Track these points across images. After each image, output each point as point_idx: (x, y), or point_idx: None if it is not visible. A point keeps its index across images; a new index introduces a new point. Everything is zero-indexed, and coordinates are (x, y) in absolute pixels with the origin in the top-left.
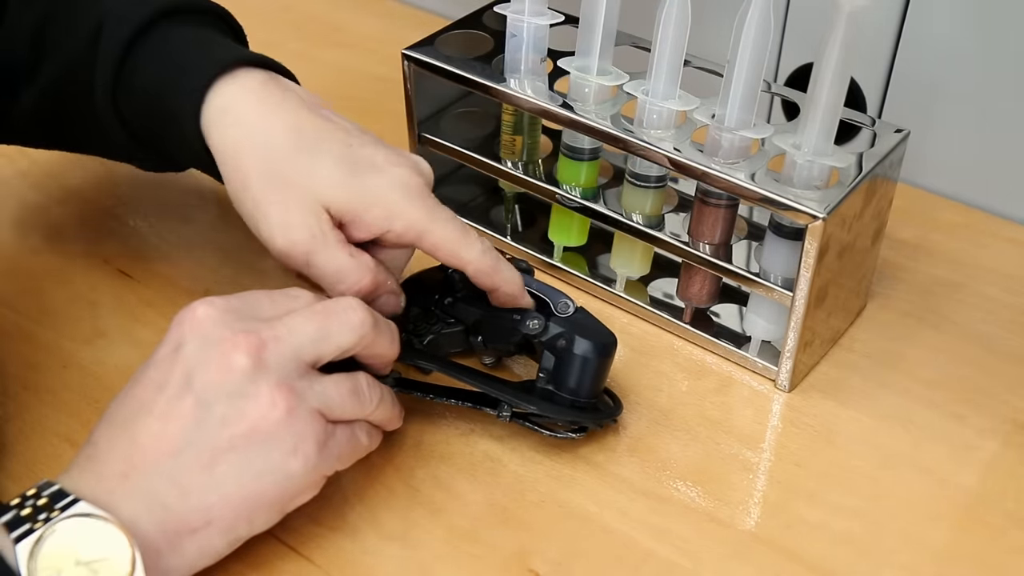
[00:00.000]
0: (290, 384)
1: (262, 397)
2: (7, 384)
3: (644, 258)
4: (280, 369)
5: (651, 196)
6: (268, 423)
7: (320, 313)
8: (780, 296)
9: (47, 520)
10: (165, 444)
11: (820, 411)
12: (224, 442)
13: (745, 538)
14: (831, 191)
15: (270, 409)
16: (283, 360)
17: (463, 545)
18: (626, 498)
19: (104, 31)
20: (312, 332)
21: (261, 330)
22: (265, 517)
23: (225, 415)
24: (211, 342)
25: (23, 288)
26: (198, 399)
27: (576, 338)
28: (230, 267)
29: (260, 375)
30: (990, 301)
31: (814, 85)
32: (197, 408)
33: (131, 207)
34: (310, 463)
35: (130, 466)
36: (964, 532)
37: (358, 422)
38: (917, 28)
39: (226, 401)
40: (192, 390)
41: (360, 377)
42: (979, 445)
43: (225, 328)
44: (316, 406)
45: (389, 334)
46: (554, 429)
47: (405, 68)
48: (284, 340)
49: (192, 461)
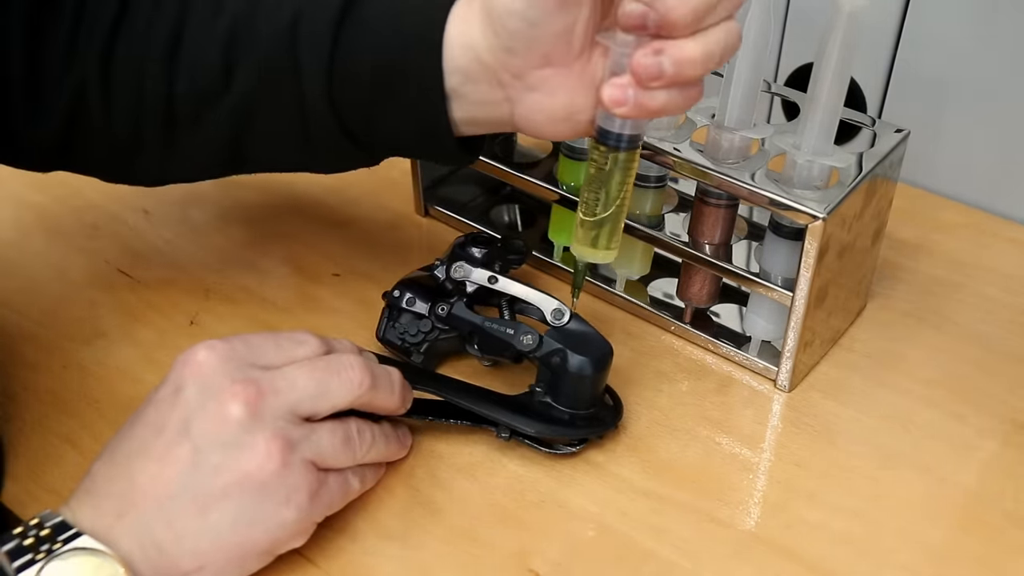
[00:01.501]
0: (285, 436)
1: (258, 448)
2: (7, 384)
3: (644, 258)
4: (275, 421)
5: (651, 196)
6: (263, 474)
7: (321, 369)
8: (780, 296)
9: (49, 552)
10: (161, 487)
11: (820, 411)
12: (218, 490)
13: (745, 538)
14: (831, 191)
15: (265, 460)
16: (279, 412)
17: (463, 545)
18: (626, 498)
19: (303, 20)
20: (311, 388)
21: (260, 381)
22: (256, 563)
23: (220, 464)
24: (210, 390)
25: (23, 288)
26: (195, 446)
27: (570, 354)
28: (230, 267)
29: (256, 426)
30: (990, 301)
31: (814, 85)
32: (194, 455)
33: (131, 207)
34: (302, 512)
35: (127, 505)
36: (963, 532)
37: (350, 468)
38: (917, 28)
39: (221, 450)
40: (189, 436)
41: (351, 424)
42: (979, 445)
43: (225, 376)
44: (309, 457)
45: (388, 388)
46: (553, 444)
47: None
48: (282, 394)
49: (187, 506)
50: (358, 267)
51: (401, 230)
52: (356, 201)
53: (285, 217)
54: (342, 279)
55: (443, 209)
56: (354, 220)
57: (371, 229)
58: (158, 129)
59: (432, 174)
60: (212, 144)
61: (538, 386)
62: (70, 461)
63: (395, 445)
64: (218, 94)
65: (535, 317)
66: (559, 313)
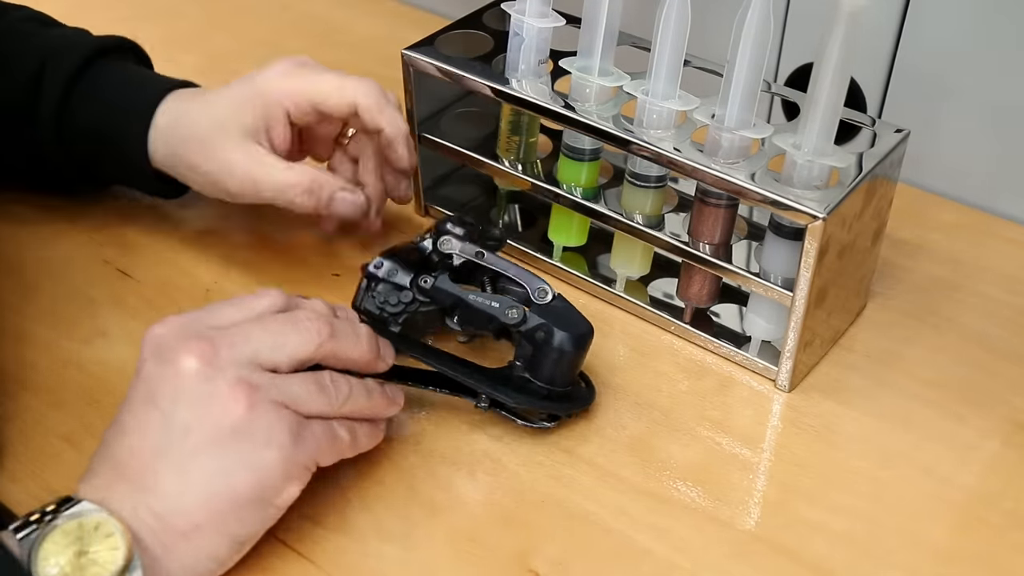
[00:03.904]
0: (247, 380)
1: (220, 395)
2: (7, 384)
3: (644, 258)
4: (235, 368)
5: (651, 196)
6: (231, 419)
7: (279, 322)
8: (780, 296)
9: (51, 520)
10: (140, 457)
11: (820, 411)
12: (192, 446)
13: (745, 538)
14: (831, 191)
15: (231, 405)
16: (237, 360)
17: (463, 545)
18: (626, 498)
19: (47, 69)
20: (268, 340)
21: (214, 336)
22: (254, 514)
23: (188, 420)
24: (165, 354)
25: (23, 288)
26: (161, 411)
27: (555, 330)
28: (230, 267)
29: (214, 375)
30: (990, 301)
31: (814, 85)
32: (162, 419)
33: (131, 207)
34: (285, 451)
35: (115, 479)
36: (964, 532)
37: (336, 419)
38: (917, 28)
39: (186, 407)
40: (155, 403)
41: (323, 374)
42: (979, 445)
43: (177, 340)
44: (279, 399)
45: (353, 339)
46: (529, 418)
47: (405, 68)
48: (237, 345)
49: (168, 468)
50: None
51: (401, 230)
52: None
53: (285, 217)
54: (342, 279)
55: (443, 209)
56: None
57: None
58: None
59: (432, 174)
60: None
61: (517, 361)
62: (70, 461)
63: (380, 400)
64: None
65: (516, 298)
66: (543, 292)
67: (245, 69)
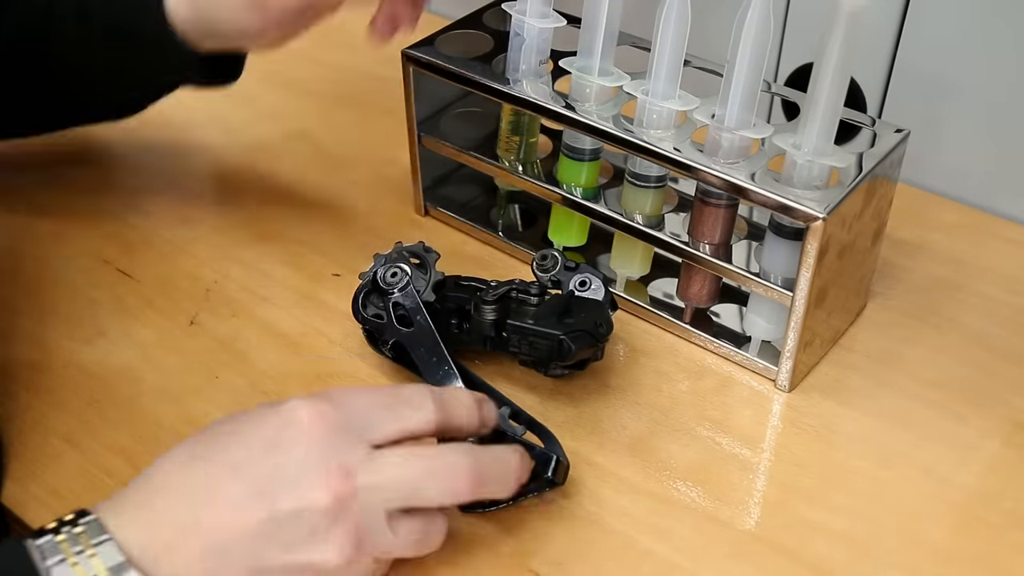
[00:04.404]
0: (362, 537)
1: (331, 543)
2: (7, 384)
3: (644, 258)
4: (359, 516)
5: (651, 196)
6: (325, 566)
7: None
8: (780, 296)
9: (80, 553)
10: (221, 537)
11: (820, 411)
12: (276, 564)
13: (745, 538)
14: (831, 191)
15: (334, 554)
16: (365, 509)
17: (463, 545)
18: (626, 498)
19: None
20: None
21: (357, 472)
22: None
23: (289, 543)
24: (306, 464)
25: (23, 288)
26: (272, 515)
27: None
28: (230, 267)
29: (338, 519)
30: (990, 301)
31: (814, 85)
32: (268, 523)
33: (131, 207)
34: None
35: (181, 540)
36: (964, 532)
37: None
38: (917, 28)
39: (295, 530)
40: (271, 502)
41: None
42: (979, 445)
43: (325, 453)
44: (376, 555)
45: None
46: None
47: (405, 68)
48: (373, 490)
49: (238, 565)
50: (358, 267)
51: (401, 230)
52: (356, 201)
53: (285, 217)
54: (342, 279)
55: (443, 209)
56: (354, 220)
57: (371, 229)
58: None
59: (432, 174)
60: None
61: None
62: (70, 461)
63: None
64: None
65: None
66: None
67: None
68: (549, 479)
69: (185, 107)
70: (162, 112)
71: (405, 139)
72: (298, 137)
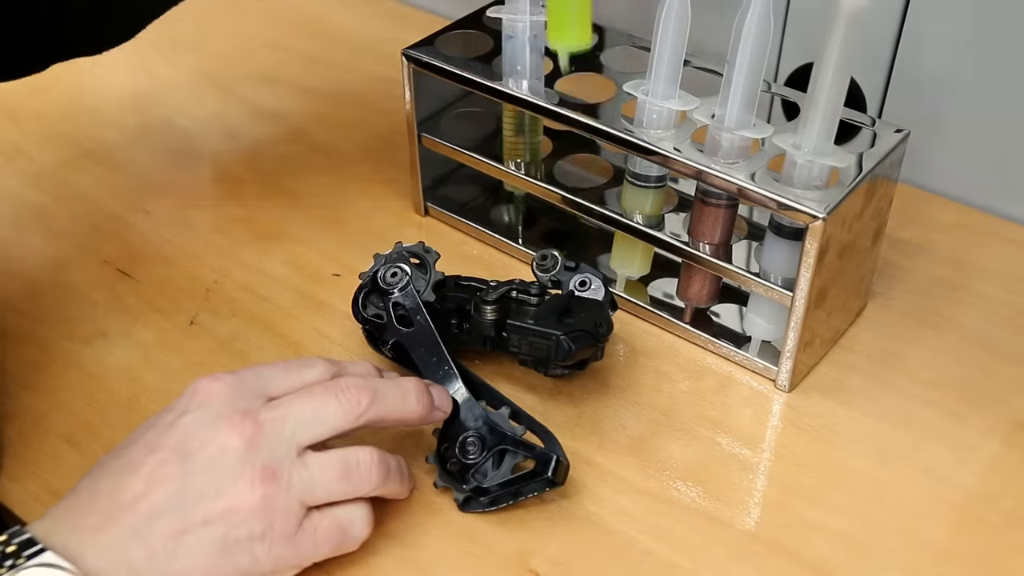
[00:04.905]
0: (275, 469)
1: (244, 480)
2: (7, 384)
3: (644, 258)
4: (271, 453)
5: (651, 196)
6: (243, 505)
7: (319, 394)
8: (780, 296)
9: (12, 568)
10: (144, 505)
11: (820, 411)
12: (200, 515)
13: (745, 538)
14: (831, 191)
15: (248, 493)
16: (276, 443)
17: (463, 545)
18: (626, 498)
19: None
20: (308, 414)
21: (260, 416)
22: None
23: (205, 489)
24: (210, 417)
25: (23, 288)
26: (185, 469)
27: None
28: (230, 267)
29: (250, 458)
30: (990, 301)
31: (814, 85)
32: (182, 477)
33: (131, 207)
34: (274, 551)
35: (106, 521)
36: (964, 532)
37: (354, 503)
38: (917, 28)
39: (210, 477)
40: (181, 459)
41: (360, 453)
42: (979, 445)
43: (227, 404)
44: (297, 494)
45: (399, 398)
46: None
47: (405, 68)
48: (280, 424)
49: (166, 527)
50: (358, 267)
51: (401, 230)
52: (355, 201)
53: (285, 217)
54: (342, 279)
55: (443, 209)
56: (354, 220)
57: (371, 229)
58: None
59: (432, 174)
60: None
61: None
62: (70, 461)
63: (399, 484)
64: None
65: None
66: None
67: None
68: (549, 479)
69: (185, 107)
70: (162, 112)
71: (405, 139)
72: (298, 137)
